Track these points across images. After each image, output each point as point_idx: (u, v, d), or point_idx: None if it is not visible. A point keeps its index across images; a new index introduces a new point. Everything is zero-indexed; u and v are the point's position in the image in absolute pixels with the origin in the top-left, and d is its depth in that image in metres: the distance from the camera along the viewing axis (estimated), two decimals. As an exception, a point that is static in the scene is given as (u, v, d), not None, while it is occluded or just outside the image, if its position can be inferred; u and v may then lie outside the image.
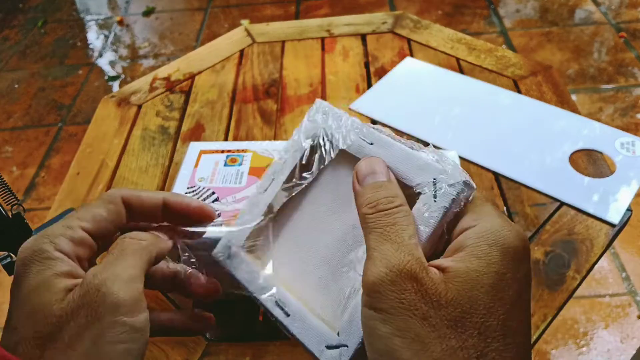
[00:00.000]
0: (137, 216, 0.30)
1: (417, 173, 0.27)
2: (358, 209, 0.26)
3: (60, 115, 1.75)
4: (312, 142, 0.32)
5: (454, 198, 0.25)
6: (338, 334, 0.27)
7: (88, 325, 0.23)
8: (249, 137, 0.66)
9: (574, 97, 1.59)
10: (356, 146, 0.30)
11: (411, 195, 0.26)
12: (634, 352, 1.02)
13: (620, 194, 0.55)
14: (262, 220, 0.33)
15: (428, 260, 0.24)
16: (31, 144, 1.65)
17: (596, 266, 0.52)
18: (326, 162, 0.32)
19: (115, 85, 1.86)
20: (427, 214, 0.25)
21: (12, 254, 0.53)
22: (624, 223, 0.53)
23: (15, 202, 0.52)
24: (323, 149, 0.31)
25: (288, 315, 0.29)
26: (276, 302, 0.30)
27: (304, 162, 0.32)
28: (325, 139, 0.31)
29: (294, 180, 0.33)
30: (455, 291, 0.22)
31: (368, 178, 0.27)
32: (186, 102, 0.73)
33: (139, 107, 0.73)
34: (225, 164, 0.54)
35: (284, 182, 0.33)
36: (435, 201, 0.25)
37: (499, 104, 0.67)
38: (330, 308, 0.29)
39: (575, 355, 1.03)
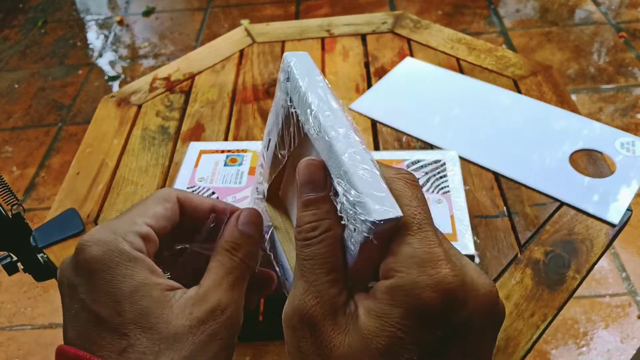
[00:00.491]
0: (187, 217, 0.31)
1: (342, 193, 0.23)
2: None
3: (60, 115, 1.75)
4: (283, 115, 0.28)
5: (365, 236, 0.21)
6: None
7: (211, 342, 0.25)
8: (249, 137, 0.66)
9: (574, 97, 1.59)
10: (311, 133, 0.25)
11: None
12: (634, 352, 1.02)
13: (620, 194, 0.55)
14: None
15: (364, 285, 0.23)
16: (31, 144, 1.65)
17: (596, 266, 0.52)
18: (291, 148, 0.29)
19: (115, 85, 1.86)
20: (349, 243, 0.22)
21: (12, 254, 0.53)
22: (624, 223, 0.53)
23: (15, 202, 0.52)
24: (292, 129, 0.28)
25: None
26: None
27: (279, 138, 0.30)
28: (291, 117, 0.27)
29: (279, 156, 0.31)
30: (347, 348, 0.20)
31: (303, 190, 0.24)
32: (186, 102, 0.73)
33: (139, 107, 0.73)
34: (225, 164, 0.55)
35: (273, 158, 0.31)
36: (355, 232, 0.22)
37: (499, 104, 0.67)
38: None
39: (575, 355, 1.03)
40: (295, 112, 0.26)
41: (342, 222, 0.23)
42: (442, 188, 0.49)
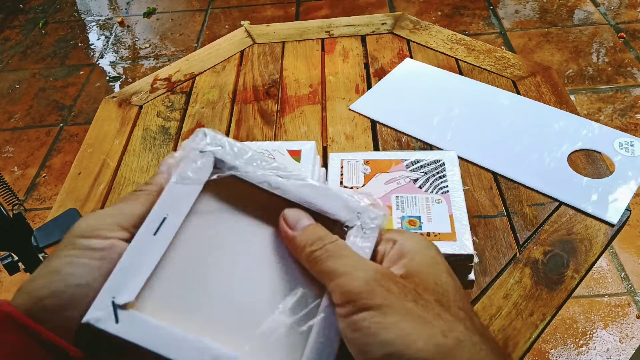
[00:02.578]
0: None
1: (341, 209, 0.30)
2: (299, 250, 0.28)
3: (61, 115, 1.76)
4: (208, 177, 0.29)
5: (379, 229, 0.29)
6: None
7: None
8: (249, 138, 0.66)
9: (572, 97, 1.59)
10: (271, 182, 0.29)
11: (332, 230, 0.29)
12: (633, 351, 1.02)
13: (619, 194, 0.55)
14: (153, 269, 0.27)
15: None
16: (32, 144, 1.65)
17: (595, 266, 0.52)
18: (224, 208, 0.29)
19: (117, 86, 1.87)
20: (361, 243, 0.29)
21: (13, 254, 0.53)
22: (623, 223, 0.53)
23: (16, 202, 0.52)
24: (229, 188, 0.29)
25: None
26: None
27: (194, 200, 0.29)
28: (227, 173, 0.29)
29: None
30: (426, 282, 0.26)
31: (300, 223, 0.29)
32: (187, 102, 0.74)
33: (140, 107, 0.74)
34: (226, 164, 0.55)
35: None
36: (365, 233, 0.29)
37: (498, 104, 0.67)
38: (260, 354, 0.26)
39: (575, 355, 1.03)
40: (238, 170, 0.29)
41: (347, 226, 0.29)
42: (441, 188, 0.49)
